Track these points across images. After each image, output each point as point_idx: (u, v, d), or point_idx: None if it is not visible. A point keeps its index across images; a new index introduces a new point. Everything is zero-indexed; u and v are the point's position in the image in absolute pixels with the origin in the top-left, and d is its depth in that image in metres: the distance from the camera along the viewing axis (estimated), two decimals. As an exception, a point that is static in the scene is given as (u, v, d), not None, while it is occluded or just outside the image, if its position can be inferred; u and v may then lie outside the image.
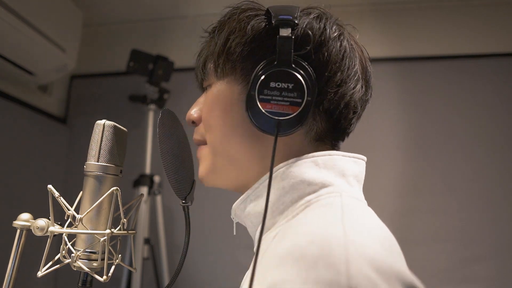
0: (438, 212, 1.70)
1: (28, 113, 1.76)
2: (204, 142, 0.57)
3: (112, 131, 0.53)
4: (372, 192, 1.83)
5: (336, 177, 0.49)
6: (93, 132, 0.53)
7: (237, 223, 0.58)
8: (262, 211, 0.50)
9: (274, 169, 0.49)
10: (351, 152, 0.53)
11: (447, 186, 1.73)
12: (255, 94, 0.46)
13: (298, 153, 0.51)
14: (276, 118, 0.46)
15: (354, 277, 0.32)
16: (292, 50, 0.46)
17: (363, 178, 0.54)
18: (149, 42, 2.03)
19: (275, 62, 0.46)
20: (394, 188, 1.76)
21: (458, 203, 1.70)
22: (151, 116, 1.83)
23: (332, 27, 0.51)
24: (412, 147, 1.78)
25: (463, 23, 1.85)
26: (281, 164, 0.50)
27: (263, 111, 0.46)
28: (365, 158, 0.54)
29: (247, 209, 0.52)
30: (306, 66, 0.47)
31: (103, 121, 0.53)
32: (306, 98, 0.46)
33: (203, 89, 0.60)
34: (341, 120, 0.52)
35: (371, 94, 0.57)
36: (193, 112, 0.58)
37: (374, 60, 0.58)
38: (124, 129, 0.56)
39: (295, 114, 0.46)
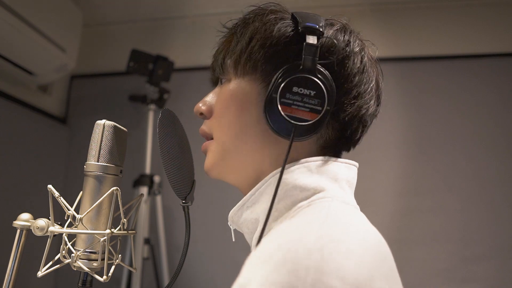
0: (438, 212, 1.70)
1: (28, 113, 1.76)
2: (210, 136, 0.56)
3: (112, 131, 0.53)
4: (372, 192, 1.84)
5: (329, 182, 0.49)
6: (93, 132, 0.53)
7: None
8: (258, 218, 0.50)
9: (270, 175, 0.50)
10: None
11: (447, 186, 1.73)
12: (276, 97, 0.46)
13: (305, 158, 0.51)
14: (294, 122, 0.46)
15: (311, 284, 0.32)
16: (317, 58, 0.46)
17: (355, 183, 0.54)
18: (149, 42, 2.03)
19: (300, 67, 0.46)
20: (394, 188, 1.76)
21: (458, 203, 1.70)
22: (151, 116, 1.83)
23: (355, 41, 0.52)
24: (412, 147, 1.78)
25: (463, 23, 1.85)
26: (274, 172, 0.50)
27: (283, 114, 0.46)
28: (357, 164, 0.54)
29: (243, 216, 0.53)
30: (328, 76, 0.47)
31: (103, 121, 0.53)
32: (325, 107, 0.46)
33: (216, 84, 0.59)
34: (352, 133, 0.53)
35: (379, 110, 0.57)
36: (202, 104, 0.57)
37: (374, 60, 0.58)
38: (124, 129, 0.56)
39: (313, 121, 0.46)
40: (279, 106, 0.46)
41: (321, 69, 0.47)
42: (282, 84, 0.46)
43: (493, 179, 1.70)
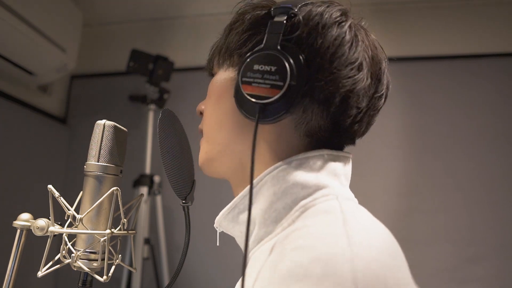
0: (439, 212, 1.70)
1: (28, 113, 1.76)
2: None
3: (112, 131, 0.53)
4: (373, 192, 1.84)
5: (329, 178, 0.47)
6: (93, 132, 0.53)
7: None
8: (255, 220, 0.48)
9: (264, 172, 0.48)
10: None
11: (447, 186, 1.73)
12: (239, 77, 0.45)
13: (289, 148, 0.49)
14: (255, 101, 0.44)
15: None
16: (281, 34, 0.45)
17: (350, 175, 0.52)
18: (149, 42, 2.03)
19: (262, 45, 0.46)
20: (395, 187, 1.76)
21: (459, 203, 1.70)
22: (151, 116, 1.83)
23: (332, 13, 0.48)
24: (413, 147, 1.78)
25: (463, 23, 1.85)
26: (271, 168, 0.47)
27: (244, 94, 0.44)
28: (351, 154, 0.52)
29: (239, 218, 0.50)
30: (296, 51, 0.44)
31: (103, 121, 0.53)
32: (288, 81, 0.43)
33: None
34: (340, 116, 0.48)
35: (384, 94, 0.52)
36: (202, 104, 0.59)
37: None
38: (124, 129, 0.56)
39: (275, 97, 0.43)
40: (240, 85, 0.45)
41: (288, 45, 0.45)
42: (244, 64, 0.45)
43: (494, 179, 1.70)
